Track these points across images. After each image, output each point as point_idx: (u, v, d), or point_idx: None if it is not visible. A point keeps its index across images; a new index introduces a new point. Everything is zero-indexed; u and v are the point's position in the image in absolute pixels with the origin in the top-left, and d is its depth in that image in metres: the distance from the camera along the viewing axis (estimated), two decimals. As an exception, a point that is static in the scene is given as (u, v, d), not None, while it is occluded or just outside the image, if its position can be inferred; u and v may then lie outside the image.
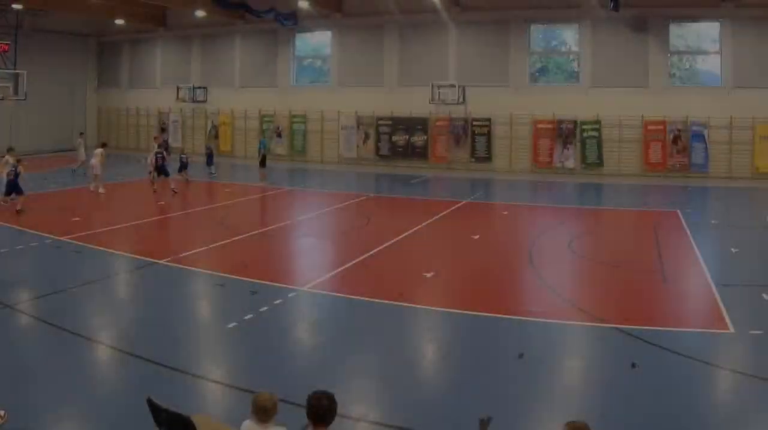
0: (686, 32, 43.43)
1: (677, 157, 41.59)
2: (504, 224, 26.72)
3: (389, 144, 46.08)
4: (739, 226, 25.53)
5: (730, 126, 40.70)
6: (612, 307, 14.79)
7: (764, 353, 11.87)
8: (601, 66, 42.95)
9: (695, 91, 42.13)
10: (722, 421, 9.51)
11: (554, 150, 43.40)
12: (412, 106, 45.27)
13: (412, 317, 14.22)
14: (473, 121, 44.66)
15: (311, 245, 21.96)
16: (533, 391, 10.49)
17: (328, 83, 48.33)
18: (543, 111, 43.29)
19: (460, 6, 44.70)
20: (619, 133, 42.54)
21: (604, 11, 40.69)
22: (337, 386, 7.70)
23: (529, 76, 44.85)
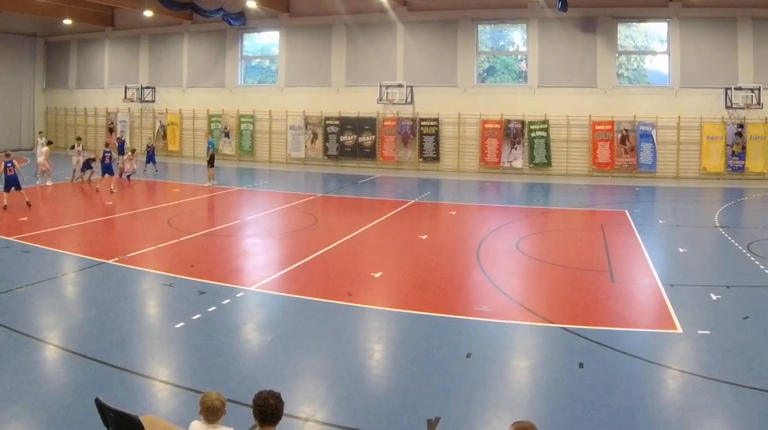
0: (634, 32, 40.70)
1: (625, 157, 39.13)
2: (452, 223, 25.03)
3: (337, 144, 42.80)
4: (686, 226, 24.26)
5: (677, 126, 38.43)
6: (560, 307, 14.05)
7: (712, 352, 11.29)
8: (548, 66, 40.13)
9: (643, 91, 39.86)
10: (670, 421, 8.91)
11: (502, 150, 40.51)
12: (360, 106, 42.23)
13: (360, 316, 13.51)
14: (421, 121, 41.61)
15: (259, 245, 20.54)
16: (481, 391, 9.83)
17: (276, 83, 44.84)
18: (491, 111, 40.48)
19: (407, 6, 41.62)
20: (567, 133, 39.92)
21: (552, 11, 38.28)
22: (285, 386, 7.89)
23: (477, 76, 41.75)
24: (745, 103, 36.96)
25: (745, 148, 37.67)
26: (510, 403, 9.60)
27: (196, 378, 9.98)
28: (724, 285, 15.31)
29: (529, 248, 19.97)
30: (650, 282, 15.80)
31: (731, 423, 8.84)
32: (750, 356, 11.03)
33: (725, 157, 37.86)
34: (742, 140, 37.66)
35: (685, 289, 15.21)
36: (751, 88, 36.99)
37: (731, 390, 9.68)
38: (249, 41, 46.07)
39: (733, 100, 37.16)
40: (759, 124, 37.47)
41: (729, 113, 37.74)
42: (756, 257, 18.08)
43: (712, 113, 37.90)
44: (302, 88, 43.56)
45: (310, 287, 15.27)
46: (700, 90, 38.01)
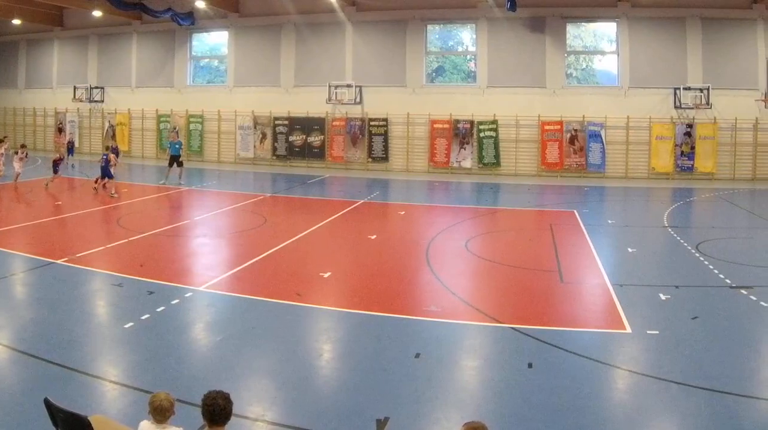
0: (583, 32, 37.64)
1: (574, 157, 36.09)
2: (401, 223, 23.27)
3: (286, 144, 39.11)
4: (635, 226, 22.81)
5: (626, 126, 35.69)
6: (509, 307, 13.22)
7: (661, 352, 10.67)
8: (498, 66, 36.97)
9: (592, 91, 36.88)
10: (619, 421, 8.30)
11: (451, 150, 37.19)
12: (309, 106, 38.67)
13: (309, 316, 12.63)
14: (370, 121, 38.12)
15: (208, 244, 19.09)
16: (430, 390, 9.12)
17: (224, 83, 41.03)
18: (440, 111, 37.24)
19: (356, 6, 38.14)
20: (516, 133, 36.84)
21: (501, 11, 35.27)
22: (234, 386, 8.00)
23: (426, 76, 38.34)
24: (694, 103, 34.60)
25: (694, 149, 35.11)
26: (459, 403, 8.94)
27: (145, 378, 9.34)
28: (673, 285, 14.38)
29: (478, 248, 18.59)
30: (599, 282, 14.80)
31: (681, 423, 8.38)
32: (699, 355, 10.41)
33: (674, 157, 35.22)
34: (691, 140, 35.10)
35: (634, 289, 14.29)
36: (700, 88, 34.63)
37: (681, 390, 9.11)
38: (198, 41, 42.18)
39: (682, 100, 34.79)
40: (708, 125, 34.91)
41: (678, 113, 35.25)
42: (705, 257, 17.01)
43: (661, 113, 35.39)
44: (251, 88, 39.89)
45: (259, 287, 14.38)
46: (649, 90, 35.45)
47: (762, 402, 8.80)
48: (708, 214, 26.73)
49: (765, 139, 34.62)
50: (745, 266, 16.13)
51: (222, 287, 14.12)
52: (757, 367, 10.17)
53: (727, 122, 34.71)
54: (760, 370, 10.11)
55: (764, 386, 9.42)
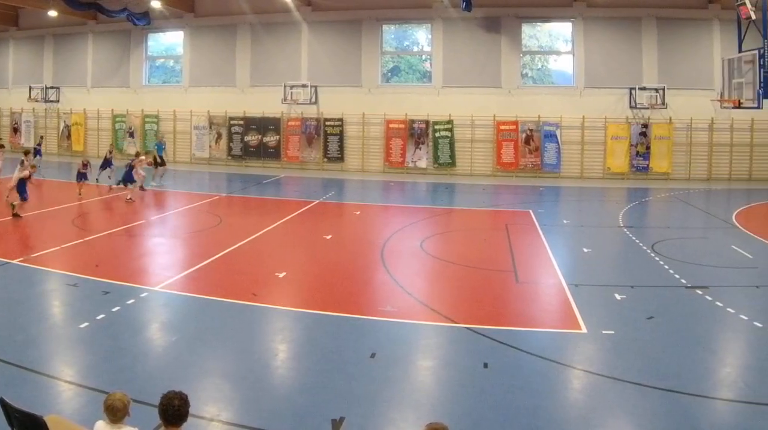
0: (538, 32, 34.80)
1: (529, 157, 33.35)
2: (356, 223, 21.94)
3: (242, 144, 35.90)
4: (591, 226, 21.37)
5: (582, 126, 32.99)
6: (464, 307, 12.37)
7: (616, 352, 9.96)
8: (453, 66, 34.11)
9: (547, 91, 34.11)
10: (575, 421, 7.90)
11: (406, 150, 34.22)
12: (265, 106, 35.53)
13: (265, 316, 11.77)
14: (325, 121, 35.04)
15: (164, 245, 17.99)
16: (386, 391, 8.61)
17: (180, 83, 37.69)
18: (395, 111, 34.30)
19: (312, 6, 35.08)
20: (471, 133, 34.05)
21: (457, 11, 32.46)
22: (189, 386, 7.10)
23: (382, 76, 35.31)
24: (649, 103, 32.23)
25: (650, 149, 32.54)
26: (414, 403, 8.42)
27: (101, 378, 8.70)
28: (629, 285, 13.65)
29: (433, 248, 17.55)
30: (555, 282, 14.05)
31: (636, 423, 7.83)
32: (654, 355, 9.89)
33: (629, 157, 32.59)
34: (646, 140, 32.52)
35: (590, 289, 13.53)
36: (655, 88, 32.24)
37: (636, 390, 8.61)
38: (153, 41, 38.76)
39: (637, 100, 32.42)
40: (663, 124, 32.33)
41: (633, 113, 32.72)
42: (660, 257, 16.14)
43: (617, 113, 32.84)
44: (207, 88, 36.61)
45: (214, 287, 13.44)
46: (605, 90, 32.82)
47: (718, 402, 8.37)
48: (663, 214, 24.97)
49: (720, 140, 32.35)
50: (701, 266, 15.28)
51: (177, 287, 13.28)
52: (713, 367, 9.60)
53: (682, 122, 32.32)
54: (716, 370, 9.51)
55: (720, 386, 8.90)
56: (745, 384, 8.84)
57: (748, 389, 8.68)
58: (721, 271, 14.97)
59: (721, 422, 7.92)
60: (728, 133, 32.21)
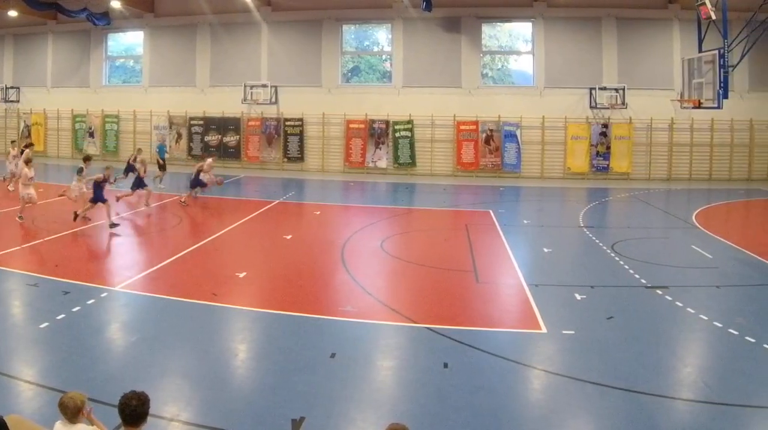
0: (498, 32, 32.49)
1: (489, 157, 30.98)
2: (316, 223, 20.32)
3: (202, 144, 33.17)
4: (551, 226, 20.08)
5: (542, 126, 30.72)
6: (424, 307, 11.42)
7: (576, 352, 9.33)
8: (413, 66, 31.71)
9: (507, 91, 31.77)
10: (535, 421, 7.40)
11: (366, 150, 31.77)
12: (225, 106, 32.91)
13: (225, 316, 10.95)
14: (286, 121, 32.49)
15: (124, 245, 16.72)
16: (345, 390, 8.05)
17: (140, 83, 34.95)
18: (355, 111, 31.85)
19: (271, 6, 32.52)
20: (431, 133, 31.65)
21: (417, 11, 30.07)
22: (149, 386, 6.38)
23: (342, 76, 32.80)
24: (609, 103, 30.06)
25: (610, 149, 30.34)
26: (374, 403, 7.85)
27: (61, 378, 8.13)
28: (589, 285, 12.84)
29: (393, 248, 16.47)
30: (515, 282, 13.20)
31: (596, 423, 7.43)
32: (614, 355, 9.15)
33: (590, 157, 30.37)
34: (606, 140, 30.31)
35: (550, 289, 12.76)
36: (615, 88, 30.12)
37: (596, 390, 8.06)
38: (113, 41, 35.90)
39: (597, 100, 30.24)
40: (623, 124, 30.18)
41: (593, 113, 30.52)
42: (620, 257, 15.18)
43: (577, 113, 30.59)
44: (167, 88, 33.89)
45: (174, 287, 12.65)
46: (565, 90, 30.63)
47: (677, 402, 7.87)
48: (623, 214, 23.28)
49: (680, 140, 30.27)
50: (661, 266, 14.28)
51: (137, 287, 12.48)
52: (673, 367, 8.97)
53: (642, 122, 30.20)
54: (676, 370, 8.90)
55: (680, 386, 8.37)
56: (705, 384, 8.30)
57: (708, 388, 8.14)
58: (681, 271, 14.04)
59: (681, 422, 7.40)
60: (688, 133, 30.17)
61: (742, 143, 30.11)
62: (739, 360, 9.08)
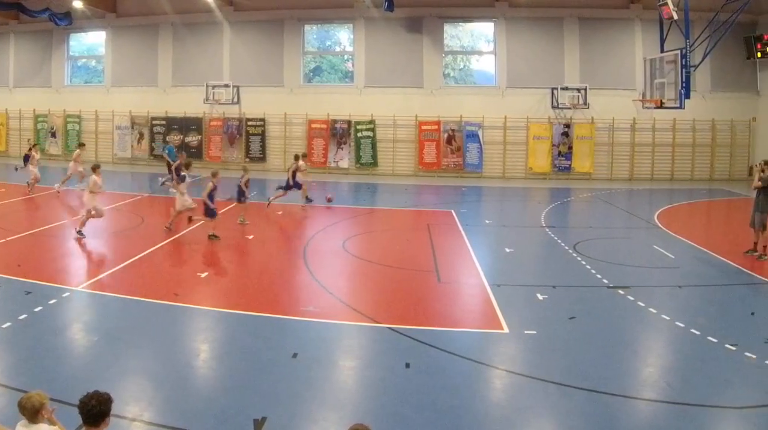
0: (460, 32, 30.31)
1: (451, 157, 28.77)
2: (278, 223, 19.03)
3: (163, 144, 30.39)
4: (513, 226, 18.81)
5: (504, 126, 28.50)
6: (386, 307, 10.73)
7: (538, 352, 8.80)
8: (375, 66, 29.44)
9: (469, 91, 29.59)
10: (497, 421, 6.92)
11: (328, 150, 29.47)
12: (187, 106, 30.43)
13: (187, 316, 10.24)
14: (247, 121, 30.08)
15: (86, 245, 15.19)
16: (308, 390, 7.52)
17: (102, 83, 32.33)
18: (317, 111, 29.51)
19: (233, 6, 30.09)
20: (393, 133, 29.33)
21: (379, 11, 27.88)
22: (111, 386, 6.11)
23: (303, 76, 30.41)
24: (571, 103, 27.98)
25: (572, 149, 28.21)
26: (336, 403, 7.34)
27: (23, 378, 7.61)
28: (551, 285, 11.86)
29: (355, 248, 15.48)
30: (477, 282, 12.20)
31: (558, 423, 6.93)
32: (576, 355, 8.61)
33: (551, 157, 28.25)
34: (568, 140, 28.19)
35: (512, 289, 11.78)
36: (577, 88, 28.05)
37: (558, 390, 7.55)
38: (75, 41, 33.28)
39: (559, 100, 28.13)
40: (585, 125, 28.06)
41: (555, 113, 28.41)
42: (582, 257, 14.23)
43: (539, 113, 28.47)
44: (129, 88, 31.34)
45: (136, 287, 11.51)
46: (527, 90, 28.47)
47: (639, 402, 7.27)
48: (585, 214, 21.74)
49: (642, 140, 28.25)
50: (623, 266, 13.50)
51: (100, 287, 11.70)
52: (635, 367, 8.31)
53: (604, 122, 28.15)
54: (638, 370, 8.21)
55: (641, 385, 7.70)
56: (667, 384, 7.80)
57: (670, 388, 7.65)
58: (643, 271, 13.23)
59: (644, 421, 6.99)
60: (650, 133, 28.16)
61: (704, 143, 28.16)
62: (701, 360, 8.52)
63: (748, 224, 14.43)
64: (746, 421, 6.95)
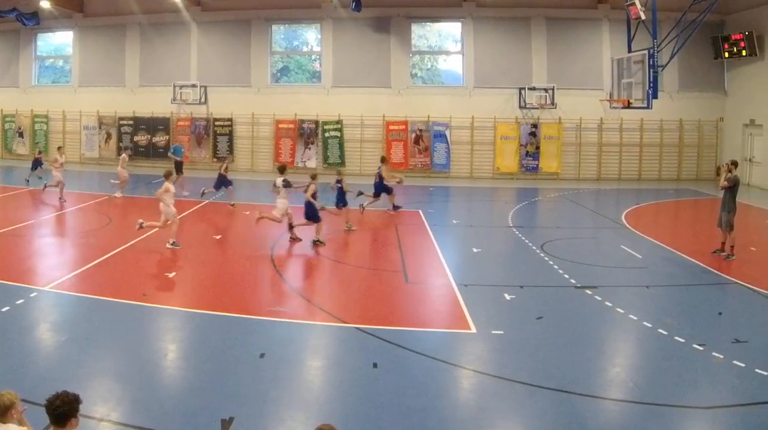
0: (428, 32, 28.61)
1: (419, 157, 27.03)
2: (246, 224, 17.49)
3: (131, 144, 28.71)
4: (480, 226, 17.87)
5: (471, 126, 26.77)
6: (354, 307, 10.21)
7: (506, 352, 8.34)
8: (342, 66, 27.67)
9: (437, 91, 27.83)
10: (464, 421, 6.56)
11: (296, 150, 27.66)
12: (154, 106, 28.50)
13: (154, 316, 9.67)
14: (215, 121, 28.17)
15: (53, 244, 14.40)
16: (275, 390, 7.10)
17: (69, 83, 30.30)
18: (285, 111, 27.67)
19: (201, 6, 28.21)
20: (360, 133, 27.51)
21: (346, 11, 26.08)
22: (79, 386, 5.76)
23: (271, 76, 28.53)
24: (538, 103, 26.30)
25: (539, 149, 26.58)
26: (304, 403, 6.94)
27: None
28: (518, 285, 11.24)
29: (322, 248, 14.36)
30: (444, 282, 11.50)
31: (525, 423, 6.60)
32: (544, 355, 8.18)
33: (519, 157, 26.59)
34: (536, 140, 26.56)
35: (479, 289, 11.10)
36: (544, 88, 26.42)
37: (525, 390, 7.19)
38: (43, 41, 31.20)
39: (527, 100, 26.40)
40: (553, 125, 26.46)
41: (523, 113, 26.76)
42: (549, 257, 13.36)
43: (506, 113, 26.73)
44: (96, 88, 29.32)
45: (104, 287, 10.82)
46: (494, 90, 26.77)
47: (606, 402, 6.93)
48: (553, 214, 20.59)
49: (609, 140, 26.65)
50: (590, 266, 12.84)
51: (67, 287, 10.85)
52: (602, 367, 7.93)
53: (571, 122, 26.53)
54: (605, 370, 7.85)
55: (609, 385, 7.36)
56: (634, 384, 7.27)
57: (637, 388, 7.13)
58: (610, 271, 12.62)
59: (611, 421, 6.55)
60: (617, 133, 26.57)
61: (672, 143, 26.61)
62: (668, 360, 8.11)
63: (715, 224, 13.68)
64: (714, 421, 6.59)
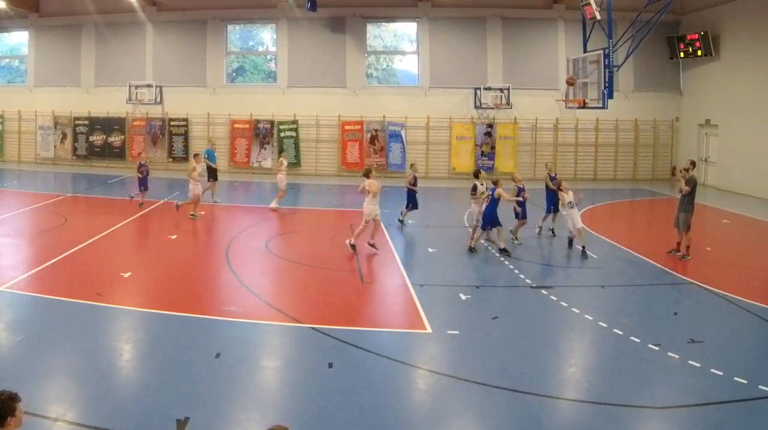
0: (383, 32, 24.90)
1: (374, 157, 23.28)
2: (201, 224, 15.06)
3: (87, 144, 24.80)
4: (436, 226, 15.07)
5: (427, 126, 23.10)
6: (309, 307, 8.83)
7: (461, 352, 7.26)
8: (298, 66, 23.89)
9: (392, 91, 24.08)
10: (420, 421, 5.73)
11: (252, 150, 23.85)
12: (110, 106, 24.51)
13: (110, 316, 8.33)
14: (170, 121, 24.30)
15: (8, 245, 12.30)
16: (230, 391, 6.13)
17: (24, 83, 26.13)
18: (240, 111, 23.88)
19: (156, 6, 24.33)
20: (316, 133, 23.75)
21: (302, 11, 22.37)
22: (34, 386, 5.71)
23: (226, 76, 24.64)
24: (494, 103, 22.78)
25: (495, 148, 22.94)
26: (259, 403, 6.04)
27: None
28: (474, 285, 9.98)
29: (278, 248, 12.54)
30: (400, 282, 10.06)
31: (481, 423, 5.74)
32: (499, 355, 7.16)
33: (474, 157, 22.93)
34: (491, 140, 22.95)
35: (435, 289, 9.70)
36: (500, 88, 22.89)
37: (481, 390, 6.26)
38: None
39: (482, 100, 22.84)
40: (508, 124, 22.84)
41: (478, 113, 23.17)
42: (505, 257, 11.57)
43: (462, 113, 23.14)
44: (52, 88, 25.29)
45: (59, 287, 9.48)
46: (450, 90, 23.17)
47: (562, 402, 6.08)
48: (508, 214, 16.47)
49: (565, 140, 23.16)
50: (546, 266, 11.27)
51: (22, 287, 9.35)
52: (558, 367, 6.91)
53: (527, 122, 22.98)
54: (561, 370, 6.84)
55: (565, 385, 6.45)
56: (590, 384, 6.43)
57: (592, 388, 6.30)
58: (566, 271, 11.15)
59: (566, 421, 5.75)
60: (573, 133, 23.09)
61: (627, 143, 23.16)
62: (624, 360, 6.93)
63: (671, 224, 12.11)
64: (669, 421, 5.66)
